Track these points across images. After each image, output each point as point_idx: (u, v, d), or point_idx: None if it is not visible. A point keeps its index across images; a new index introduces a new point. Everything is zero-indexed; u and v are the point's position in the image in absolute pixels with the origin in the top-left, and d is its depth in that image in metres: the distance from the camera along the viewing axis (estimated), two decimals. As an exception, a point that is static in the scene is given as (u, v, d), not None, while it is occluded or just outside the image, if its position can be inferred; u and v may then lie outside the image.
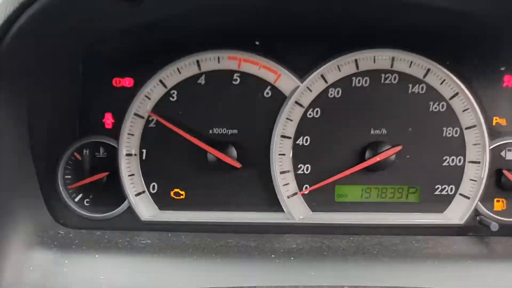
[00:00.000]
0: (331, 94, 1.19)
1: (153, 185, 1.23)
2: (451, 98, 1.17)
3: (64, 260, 0.94)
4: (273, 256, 0.97)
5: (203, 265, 0.95)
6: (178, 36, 1.13)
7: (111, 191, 1.22)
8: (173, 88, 1.20)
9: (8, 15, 0.77)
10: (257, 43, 1.18)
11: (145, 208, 1.22)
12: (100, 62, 1.18)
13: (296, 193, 1.21)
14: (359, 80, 1.18)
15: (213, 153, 1.17)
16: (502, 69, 1.17)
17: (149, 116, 1.20)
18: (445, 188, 1.19)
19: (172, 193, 1.23)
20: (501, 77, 1.18)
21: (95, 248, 1.00)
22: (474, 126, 1.17)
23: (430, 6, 0.91)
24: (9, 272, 0.89)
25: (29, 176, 1.09)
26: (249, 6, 0.97)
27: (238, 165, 1.18)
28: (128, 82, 1.21)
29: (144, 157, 1.22)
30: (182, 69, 1.19)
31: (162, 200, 1.23)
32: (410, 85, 1.18)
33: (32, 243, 0.98)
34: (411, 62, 1.17)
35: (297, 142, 1.20)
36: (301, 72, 1.18)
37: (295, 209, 1.20)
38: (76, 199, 1.23)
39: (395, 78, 1.18)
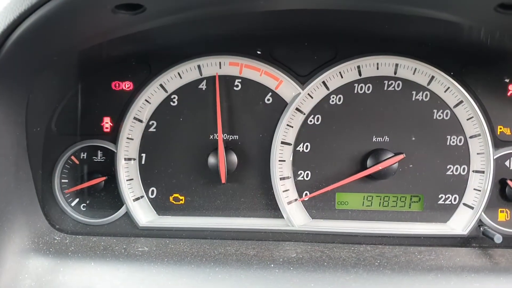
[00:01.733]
0: (333, 100, 1.18)
1: (152, 190, 1.21)
2: (455, 106, 1.16)
3: (60, 268, 0.92)
4: (272, 265, 0.95)
5: (201, 274, 0.93)
6: (179, 42, 1.12)
7: (108, 196, 1.21)
8: (173, 93, 1.19)
9: (8, 24, 0.78)
10: (258, 52, 1.17)
11: (143, 214, 1.20)
12: (99, 66, 1.17)
13: (296, 200, 1.19)
14: (361, 87, 1.17)
15: (220, 156, 1.14)
16: (506, 80, 1.16)
17: (148, 121, 1.19)
18: (448, 197, 1.17)
19: (171, 198, 1.22)
20: (505, 85, 1.16)
21: (91, 255, 0.98)
22: (479, 135, 1.15)
23: (425, 16, 0.90)
24: (3, 280, 0.87)
25: (25, 180, 1.07)
26: (250, 15, 0.95)
27: (223, 180, 1.15)
28: (127, 85, 1.19)
29: (143, 162, 1.20)
30: (183, 74, 1.18)
31: (160, 205, 1.22)
32: (414, 93, 1.16)
33: (27, 249, 0.97)
34: (415, 69, 1.15)
35: (298, 148, 1.19)
36: (303, 78, 1.17)
37: (295, 215, 1.19)
38: (73, 204, 1.21)
39: (398, 85, 1.17)
